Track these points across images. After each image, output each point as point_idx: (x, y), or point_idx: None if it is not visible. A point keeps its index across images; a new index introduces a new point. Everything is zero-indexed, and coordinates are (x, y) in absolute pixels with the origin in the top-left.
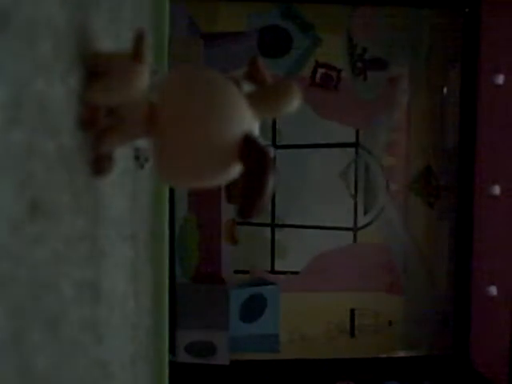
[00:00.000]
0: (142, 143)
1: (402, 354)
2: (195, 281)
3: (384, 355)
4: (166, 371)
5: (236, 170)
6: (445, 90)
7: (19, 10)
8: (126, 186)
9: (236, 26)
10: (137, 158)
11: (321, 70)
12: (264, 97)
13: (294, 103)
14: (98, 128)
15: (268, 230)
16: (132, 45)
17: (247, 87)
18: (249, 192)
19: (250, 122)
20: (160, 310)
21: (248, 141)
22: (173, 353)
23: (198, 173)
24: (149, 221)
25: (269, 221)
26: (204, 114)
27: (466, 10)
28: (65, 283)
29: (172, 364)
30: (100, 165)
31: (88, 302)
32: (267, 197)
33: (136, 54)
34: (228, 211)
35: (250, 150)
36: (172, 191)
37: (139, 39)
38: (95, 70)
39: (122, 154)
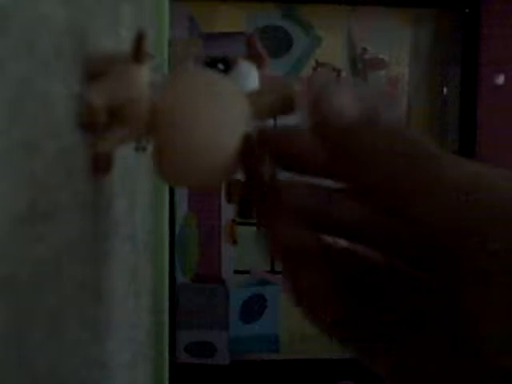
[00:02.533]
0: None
1: None
2: (195, 281)
3: None
4: (166, 371)
5: (236, 170)
6: (445, 90)
7: (19, 10)
8: (126, 185)
9: (236, 26)
10: (138, 140)
11: (321, 70)
12: (264, 98)
13: (293, 105)
14: (98, 128)
15: None
16: (132, 46)
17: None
18: (249, 192)
19: (251, 123)
20: (160, 310)
21: (248, 142)
22: (173, 353)
23: (198, 172)
24: (149, 221)
25: None
26: (204, 114)
27: (466, 10)
28: (65, 283)
29: (172, 364)
30: (99, 164)
31: (88, 301)
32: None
33: (136, 55)
34: (228, 211)
35: (250, 151)
36: (172, 191)
37: (139, 40)
38: (96, 70)
39: (122, 154)
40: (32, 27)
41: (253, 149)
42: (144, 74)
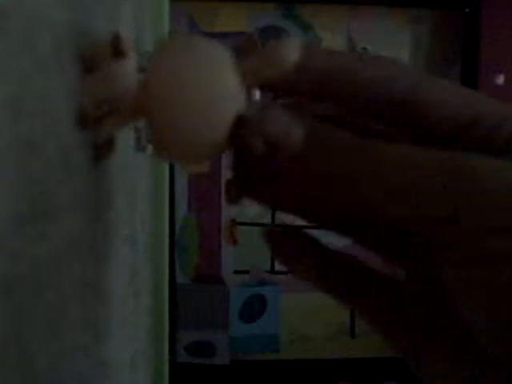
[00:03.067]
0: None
1: None
2: (195, 281)
3: (384, 355)
4: (166, 371)
5: (228, 144)
6: None
7: (19, 10)
8: (126, 185)
9: (236, 26)
10: (138, 138)
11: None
12: (249, 62)
13: (291, 56)
14: (93, 118)
15: None
16: (111, 45)
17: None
18: (237, 175)
19: (243, 101)
20: (160, 310)
21: (240, 124)
22: (173, 353)
23: (190, 145)
24: (149, 221)
25: (269, 221)
26: (195, 82)
27: (466, 10)
28: (65, 283)
29: (172, 364)
30: (100, 150)
31: (88, 301)
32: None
33: (116, 53)
34: (228, 211)
35: (242, 134)
36: (172, 191)
37: (115, 39)
38: (88, 65)
39: (123, 154)
40: (32, 27)
41: (245, 134)
42: (130, 65)
